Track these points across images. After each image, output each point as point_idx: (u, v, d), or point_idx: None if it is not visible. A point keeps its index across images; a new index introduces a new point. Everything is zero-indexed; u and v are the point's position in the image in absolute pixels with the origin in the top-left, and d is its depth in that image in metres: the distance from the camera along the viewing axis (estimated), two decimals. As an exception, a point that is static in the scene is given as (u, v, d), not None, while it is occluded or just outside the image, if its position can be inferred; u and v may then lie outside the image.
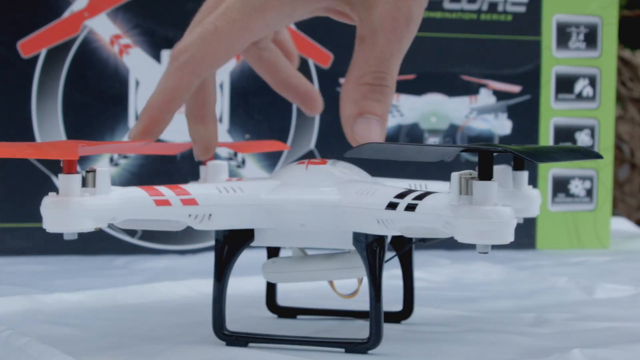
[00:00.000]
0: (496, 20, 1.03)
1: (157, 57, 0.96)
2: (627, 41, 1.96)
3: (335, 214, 0.53)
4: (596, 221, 1.07)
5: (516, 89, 1.04)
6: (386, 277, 0.57)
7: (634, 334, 0.59)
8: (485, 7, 1.03)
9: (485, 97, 1.04)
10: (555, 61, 1.05)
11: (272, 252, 0.62)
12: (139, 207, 0.50)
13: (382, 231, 0.51)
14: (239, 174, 0.98)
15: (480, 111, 1.04)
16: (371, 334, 0.52)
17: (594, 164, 1.06)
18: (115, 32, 0.95)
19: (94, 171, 0.49)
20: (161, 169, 0.96)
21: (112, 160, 0.96)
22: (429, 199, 0.48)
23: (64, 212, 0.47)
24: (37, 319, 0.63)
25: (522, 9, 1.04)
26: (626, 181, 1.95)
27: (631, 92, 1.94)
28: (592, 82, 1.06)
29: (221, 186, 0.54)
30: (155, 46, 0.96)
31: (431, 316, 0.64)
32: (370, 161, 0.52)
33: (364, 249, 0.52)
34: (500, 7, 1.03)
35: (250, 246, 0.56)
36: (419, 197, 0.48)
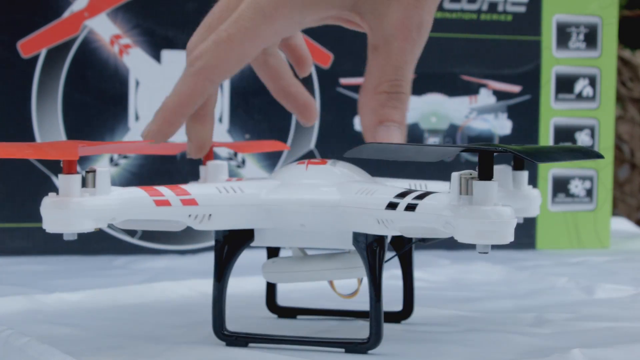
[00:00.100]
0: (496, 20, 1.03)
1: (157, 57, 0.96)
2: (627, 41, 1.96)
3: (335, 214, 0.53)
4: (596, 221, 1.06)
5: (516, 89, 1.04)
6: (386, 277, 0.57)
7: (634, 334, 0.59)
8: (485, 7, 1.03)
9: (485, 97, 1.04)
10: (555, 61, 1.05)
11: (272, 252, 0.62)
12: (138, 207, 0.50)
13: (382, 231, 0.51)
14: (239, 174, 0.98)
15: (480, 111, 1.04)
16: (371, 334, 0.52)
17: (594, 164, 1.06)
18: (115, 32, 0.95)
19: (94, 171, 0.49)
20: (161, 169, 0.96)
21: (112, 160, 0.96)
22: (429, 199, 0.48)
23: (64, 213, 0.47)
24: (37, 319, 0.63)
25: (522, 9, 1.04)
26: (626, 181, 1.95)
27: (631, 92, 1.94)
28: (592, 82, 1.06)
29: (221, 186, 0.54)
30: (155, 46, 0.96)
31: (431, 316, 0.64)
32: (370, 161, 0.52)
33: (364, 249, 0.52)
34: (500, 7, 1.03)
35: (250, 246, 0.56)
36: (419, 197, 0.48)
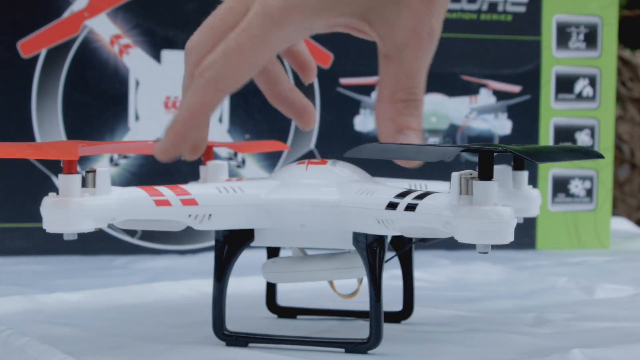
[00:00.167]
0: (496, 20, 1.03)
1: (157, 57, 0.96)
2: (627, 41, 1.96)
3: (335, 214, 0.53)
4: (596, 221, 1.06)
5: (516, 89, 1.04)
6: (386, 277, 0.57)
7: (634, 334, 0.59)
8: (485, 7, 1.03)
9: (485, 97, 1.04)
10: (555, 61, 1.05)
11: (272, 252, 0.62)
12: (139, 207, 0.50)
13: (382, 231, 0.51)
14: (239, 174, 0.98)
15: (480, 111, 1.04)
16: (371, 334, 0.52)
17: (594, 164, 1.06)
18: (115, 32, 0.95)
19: (94, 171, 0.49)
20: (161, 169, 0.96)
21: (112, 160, 0.96)
22: (429, 198, 0.48)
23: (64, 213, 0.47)
24: (37, 319, 0.63)
25: (522, 9, 1.04)
26: (626, 181, 1.95)
27: (631, 92, 1.94)
28: (592, 82, 1.06)
29: (221, 186, 0.54)
30: (155, 46, 0.96)
31: (431, 316, 0.64)
32: (370, 161, 0.52)
33: (364, 249, 0.52)
34: (500, 7, 1.03)
35: (250, 246, 0.56)
36: (419, 197, 0.48)
